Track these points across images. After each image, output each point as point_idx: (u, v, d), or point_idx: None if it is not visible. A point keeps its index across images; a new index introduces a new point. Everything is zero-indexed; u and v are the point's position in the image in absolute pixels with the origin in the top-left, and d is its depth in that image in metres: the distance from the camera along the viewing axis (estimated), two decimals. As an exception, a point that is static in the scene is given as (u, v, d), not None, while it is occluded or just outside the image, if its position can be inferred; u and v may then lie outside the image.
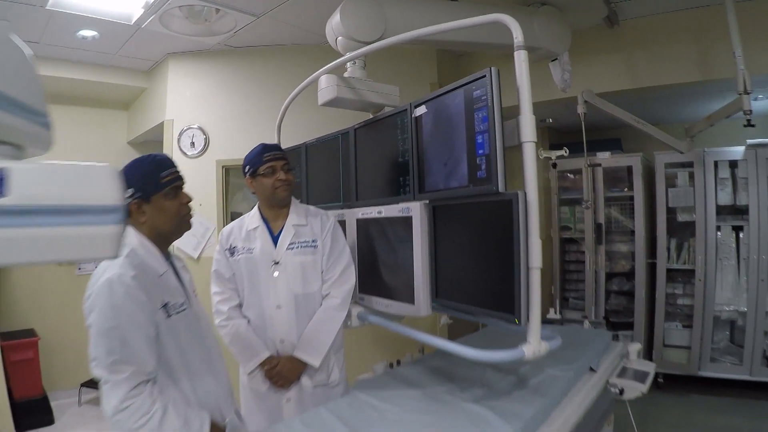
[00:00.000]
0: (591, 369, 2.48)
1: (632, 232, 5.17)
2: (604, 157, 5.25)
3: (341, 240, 2.51)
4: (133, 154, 5.67)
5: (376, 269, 2.54)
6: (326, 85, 2.57)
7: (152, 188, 1.64)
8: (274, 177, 2.40)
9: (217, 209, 4.67)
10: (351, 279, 2.47)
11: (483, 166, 1.90)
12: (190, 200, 1.74)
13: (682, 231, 4.97)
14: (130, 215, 1.63)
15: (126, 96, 5.50)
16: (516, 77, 1.77)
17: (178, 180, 1.71)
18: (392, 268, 2.42)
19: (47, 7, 3.69)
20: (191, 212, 1.76)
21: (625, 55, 4.37)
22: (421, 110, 2.26)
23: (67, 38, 4.29)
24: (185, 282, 1.78)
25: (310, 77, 2.70)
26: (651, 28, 4.24)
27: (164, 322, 1.58)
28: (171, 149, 4.69)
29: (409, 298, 2.28)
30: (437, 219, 2.20)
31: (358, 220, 2.67)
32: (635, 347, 2.88)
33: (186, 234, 1.79)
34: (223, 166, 4.74)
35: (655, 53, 4.23)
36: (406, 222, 2.28)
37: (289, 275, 2.40)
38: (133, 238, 1.64)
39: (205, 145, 4.71)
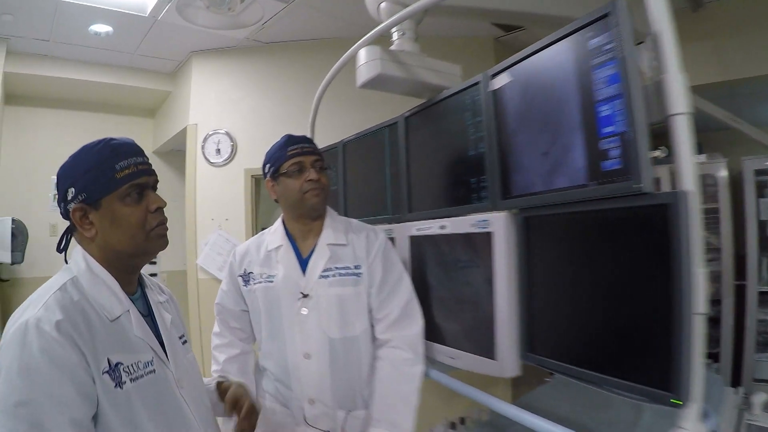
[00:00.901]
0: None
1: (717, 250, 4.57)
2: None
3: (397, 264, 1.91)
4: (158, 164, 5.57)
5: (438, 306, 1.92)
6: (367, 59, 2.00)
7: (102, 187, 1.16)
8: (303, 177, 1.82)
9: (245, 224, 4.25)
10: (418, 318, 1.87)
11: (615, 152, 1.28)
12: (160, 206, 1.24)
13: (776, 248, 4.40)
14: (73, 227, 1.20)
15: (151, 101, 5.29)
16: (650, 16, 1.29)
17: (141, 175, 1.21)
18: (461, 306, 1.81)
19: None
20: (163, 223, 1.26)
21: (711, 42, 3.82)
22: (503, 80, 1.62)
23: (79, 35, 4.03)
24: (164, 327, 1.28)
25: (348, 52, 2.13)
26: (741, 10, 3.66)
27: (110, 394, 1.06)
28: (195, 157, 4.36)
29: (487, 349, 1.67)
30: (532, 236, 1.55)
31: (411, 239, 2.04)
32: (761, 399, 2.32)
33: (211, 252, 1.30)
34: (252, 176, 4.34)
35: (746, 40, 3.67)
36: (483, 240, 1.65)
37: (323, 313, 1.81)
38: (80, 260, 1.19)
39: (232, 152, 4.35)
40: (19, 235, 4.11)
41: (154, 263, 5.29)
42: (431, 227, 1.90)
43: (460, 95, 1.82)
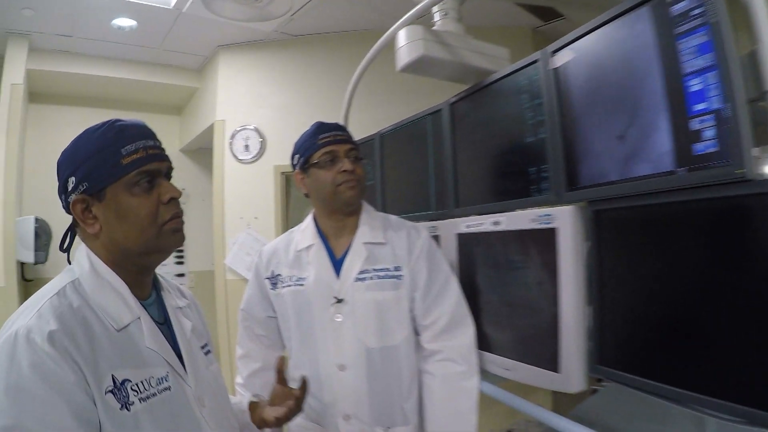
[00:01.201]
0: None
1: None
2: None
3: (443, 265, 1.73)
4: (185, 162, 5.55)
5: (489, 312, 1.75)
6: (409, 40, 1.87)
7: (105, 175, 1.01)
8: (336, 168, 1.66)
9: (275, 223, 4.12)
10: (469, 325, 1.69)
11: (709, 133, 1.12)
12: (174, 196, 1.07)
13: None
14: (76, 222, 1.06)
15: (178, 98, 5.19)
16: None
17: (151, 160, 1.04)
18: (516, 312, 1.65)
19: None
20: (179, 216, 1.08)
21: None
22: (566, 56, 1.45)
23: (102, 29, 3.94)
24: (182, 336, 1.12)
25: (387, 34, 1.99)
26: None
27: (115, 417, 0.91)
28: (222, 154, 4.25)
29: (549, 361, 1.50)
30: (603, 232, 1.37)
31: (459, 237, 1.87)
32: None
33: (239, 252, 1.16)
34: (282, 173, 4.21)
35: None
36: (546, 237, 1.48)
37: (359, 320, 1.65)
38: (83, 260, 1.03)
39: (261, 148, 4.23)
40: (42, 234, 4.04)
41: (182, 263, 5.22)
42: (483, 224, 1.73)
43: (516, 76, 1.65)
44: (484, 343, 1.74)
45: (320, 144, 1.67)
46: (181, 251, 5.19)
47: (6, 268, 3.68)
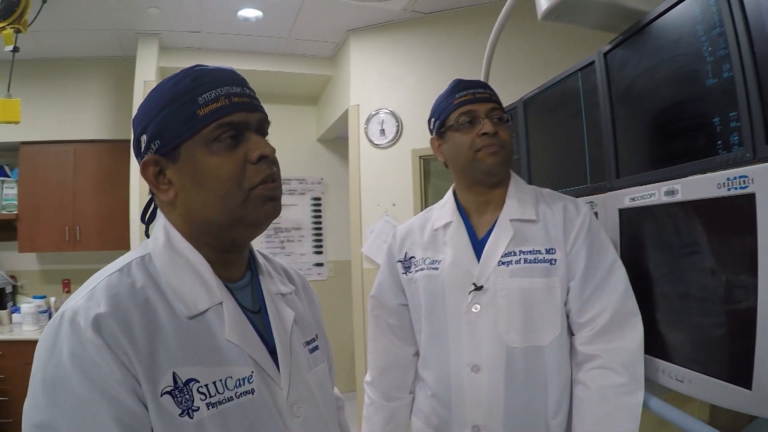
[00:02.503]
0: None
1: None
2: None
3: (608, 249, 1.46)
4: (322, 152, 5.70)
5: (660, 307, 1.46)
6: None
7: (178, 129, 0.86)
8: (475, 131, 1.47)
9: (413, 209, 4.02)
10: (636, 326, 1.40)
11: None
12: (266, 154, 0.88)
13: None
14: (150, 188, 0.93)
15: (313, 88, 5.32)
16: None
17: (236, 109, 0.87)
18: (697, 306, 1.33)
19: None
20: (273, 180, 0.90)
21: None
22: None
23: (228, 22, 4.11)
24: (280, 328, 0.96)
25: None
26: None
27: (172, 425, 0.77)
28: (357, 139, 4.27)
29: (738, 373, 1.17)
30: None
31: (622, 212, 1.59)
32: None
33: (376, 240, 1.16)
34: (420, 157, 4.11)
35: None
36: (740, 207, 1.16)
37: (501, 312, 1.43)
38: (159, 233, 0.91)
39: (397, 132, 4.17)
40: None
41: (320, 252, 5.35)
42: (652, 194, 1.43)
43: (684, 5, 1.33)
44: (652, 346, 1.43)
45: (457, 104, 1.49)
46: (320, 241, 5.29)
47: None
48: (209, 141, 0.85)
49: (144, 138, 0.88)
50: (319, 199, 5.39)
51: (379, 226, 4.03)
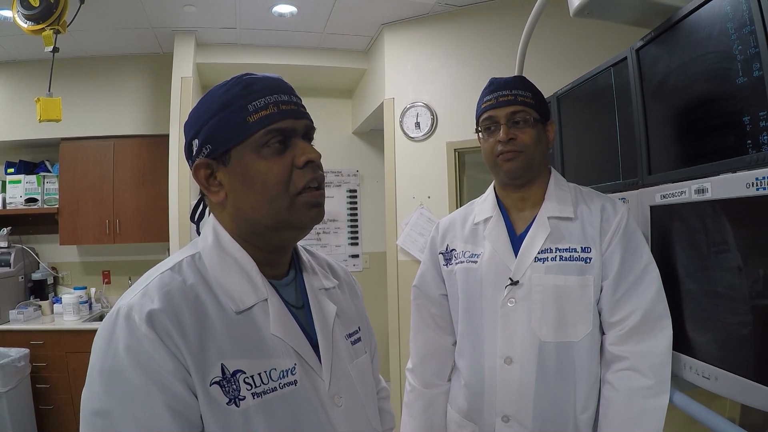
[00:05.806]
0: None
1: None
2: None
3: (643, 251, 1.49)
4: (358, 144, 5.79)
5: (689, 304, 1.47)
6: None
7: (230, 134, 0.92)
8: (495, 137, 1.54)
9: (448, 202, 4.03)
10: (665, 328, 1.42)
11: None
12: (312, 158, 0.95)
13: None
14: (201, 190, 1.00)
15: (348, 81, 5.35)
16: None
17: (284, 117, 0.93)
18: (727, 304, 1.33)
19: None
20: (319, 186, 0.96)
21: None
22: None
23: (263, 18, 4.16)
24: (322, 322, 1.02)
25: None
26: None
27: (220, 413, 0.84)
28: (393, 133, 4.28)
29: (763, 371, 1.19)
30: None
31: (653, 210, 1.61)
32: None
33: (411, 233, 1.17)
34: (455, 150, 4.10)
35: None
36: (767, 208, 1.17)
37: (535, 307, 1.48)
38: (208, 233, 0.98)
39: (432, 125, 4.16)
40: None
41: (356, 244, 5.41)
42: (683, 192, 1.45)
43: (716, 1, 1.34)
44: (678, 341, 1.45)
45: (482, 109, 1.57)
46: (356, 232, 5.36)
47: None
48: (259, 146, 0.91)
49: (196, 142, 0.94)
50: (354, 191, 5.44)
51: (414, 218, 4.05)
